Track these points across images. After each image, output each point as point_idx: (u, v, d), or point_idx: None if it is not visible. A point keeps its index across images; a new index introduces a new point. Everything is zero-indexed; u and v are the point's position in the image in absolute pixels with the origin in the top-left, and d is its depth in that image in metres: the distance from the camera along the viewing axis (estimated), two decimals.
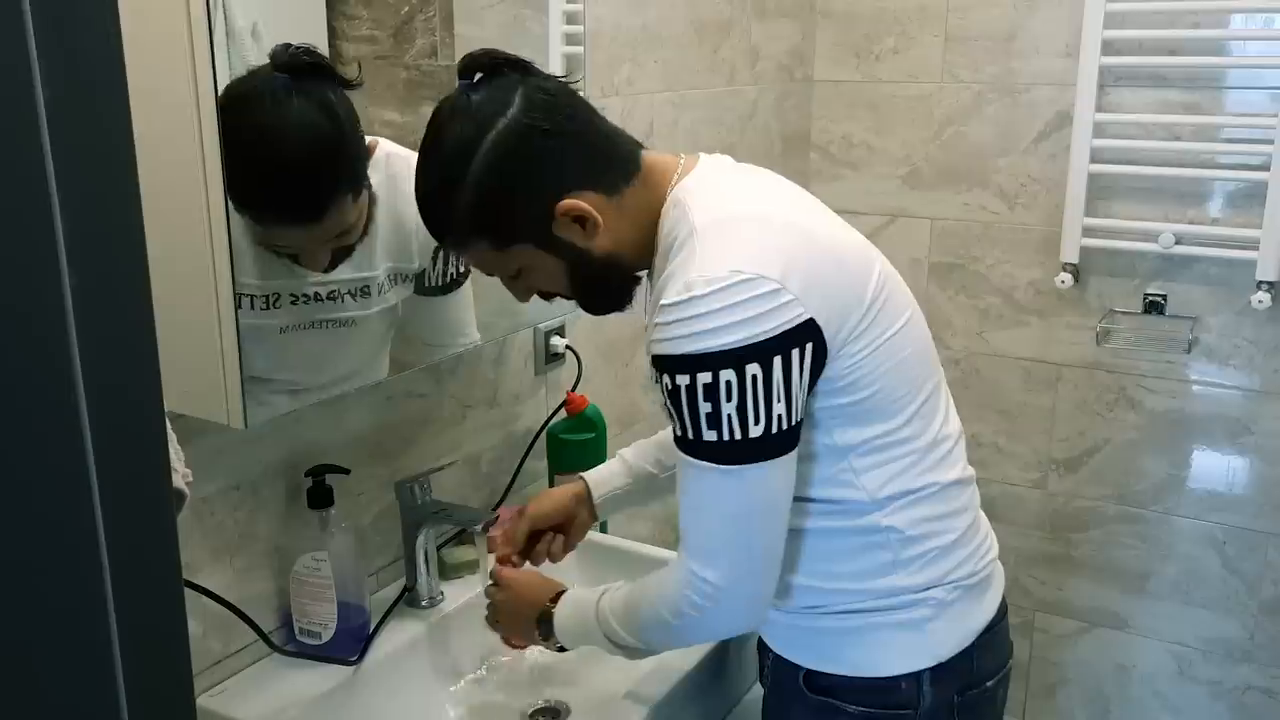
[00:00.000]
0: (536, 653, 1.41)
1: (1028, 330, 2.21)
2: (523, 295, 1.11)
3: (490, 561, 1.27)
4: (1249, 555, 2.10)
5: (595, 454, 1.59)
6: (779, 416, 0.95)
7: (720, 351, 0.92)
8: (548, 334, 1.61)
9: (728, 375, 0.92)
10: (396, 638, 1.28)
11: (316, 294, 1.13)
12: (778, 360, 0.93)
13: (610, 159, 1.04)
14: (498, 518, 1.40)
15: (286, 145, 1.00)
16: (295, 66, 1.00)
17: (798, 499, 1.02)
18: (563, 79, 1.04)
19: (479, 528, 1.38)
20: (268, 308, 1.08)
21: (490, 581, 1.25)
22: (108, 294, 0.44)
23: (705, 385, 0.93)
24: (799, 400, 0.96)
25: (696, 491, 0.98)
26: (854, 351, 0.99)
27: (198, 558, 1.15)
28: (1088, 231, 2.06)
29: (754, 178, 1.08)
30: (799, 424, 0.98)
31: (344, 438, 1.32)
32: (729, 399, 0.93)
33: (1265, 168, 1.90)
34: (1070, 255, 2.08)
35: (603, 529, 1.63)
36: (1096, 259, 2.10)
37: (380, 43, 1.17)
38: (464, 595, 1.38)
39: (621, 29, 1.70)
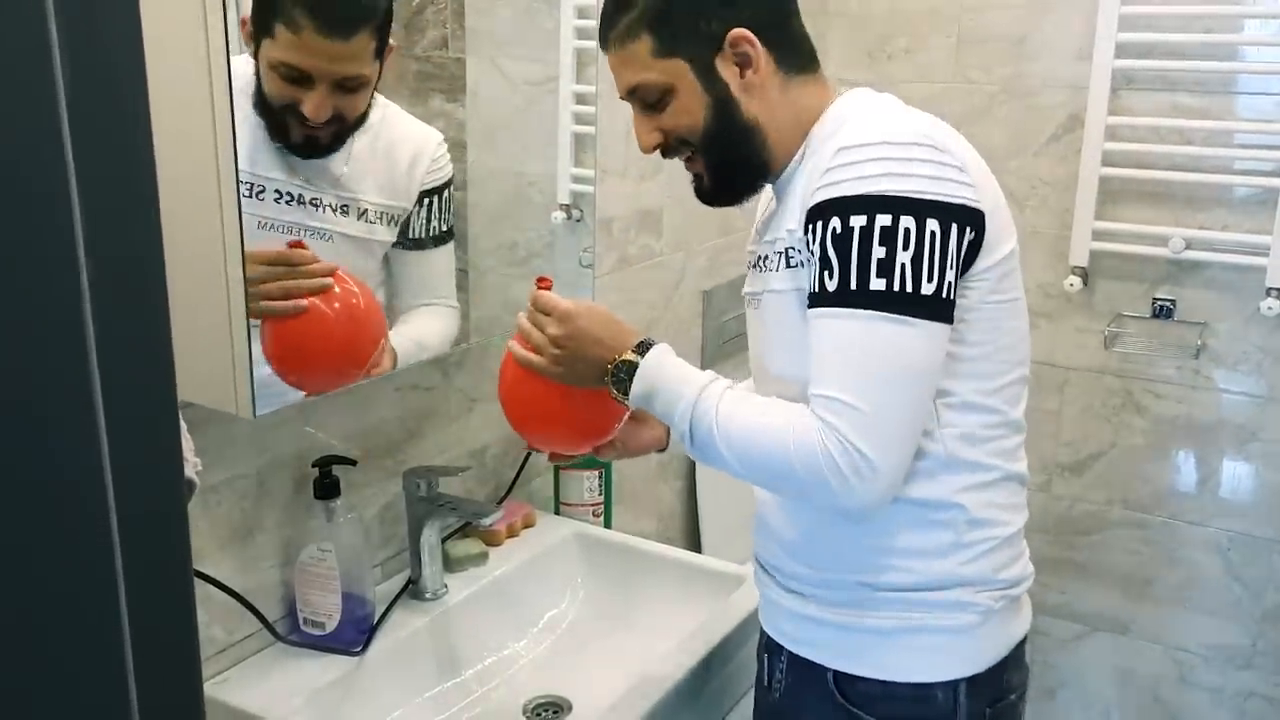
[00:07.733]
0: (538, 649, 1.41)
1: (1035, 333, 2.17)
2: (650, 134, 1.03)
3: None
4: (1253, 562, 2.10)
5: None
6: (949, 284, 0.90)
7: (906, 196, 0.88)
8: None
9: (907, 222, 0.88)
10: (400, 629, 1.29)
11: (300, 196, 1.12)
12: (954, 228, 0.90)
13: (800, 46, 1.05)
14: (503, 511, 1.40)
15: None
16: None
17: None
18: None
19: (484, 521, 1.39)
20: (250, 196, 1.07)
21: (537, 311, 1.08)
22: (124, 284, 0.44)
23: (884, 228, 0.88)
24: (957, 284, 0.91)
25: (860, 348, 0.90)
26: (989, 289, 0.95)
27: (204, 546, 1.16)
28: (1097, 235, 2.06)
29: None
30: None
31: (350, 429, 1.32)
32: (905, 248, 0.88)
33: (1277, 174, 1.90)
34: (1079, 259, 2.07)
35: (606, 524, 1.63)
36: (1106, 263, 2.10)
37: (391, 34, 1.17)
38: (468, 588, 1.38)
39: None
